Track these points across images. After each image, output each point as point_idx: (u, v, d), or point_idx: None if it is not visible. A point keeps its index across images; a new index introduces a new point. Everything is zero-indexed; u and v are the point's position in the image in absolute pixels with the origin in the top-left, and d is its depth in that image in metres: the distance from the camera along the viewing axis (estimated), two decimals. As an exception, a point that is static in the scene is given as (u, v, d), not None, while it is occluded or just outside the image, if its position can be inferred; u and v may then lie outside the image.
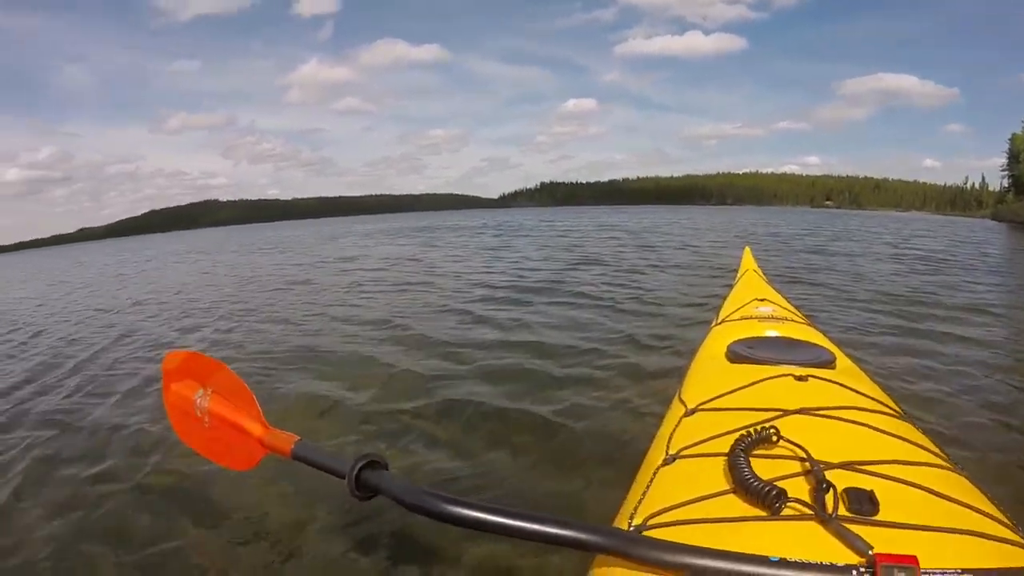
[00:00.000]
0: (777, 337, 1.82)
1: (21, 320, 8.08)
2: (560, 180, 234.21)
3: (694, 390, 1.41)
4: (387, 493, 0.80)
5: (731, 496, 0.82)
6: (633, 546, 0.68)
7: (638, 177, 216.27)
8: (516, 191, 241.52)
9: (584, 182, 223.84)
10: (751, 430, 0.93)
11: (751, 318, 2.00)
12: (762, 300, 2.26)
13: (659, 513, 0.83)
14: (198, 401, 1.36)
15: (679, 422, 1.21)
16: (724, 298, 2.49)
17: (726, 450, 0.90)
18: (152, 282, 12.16)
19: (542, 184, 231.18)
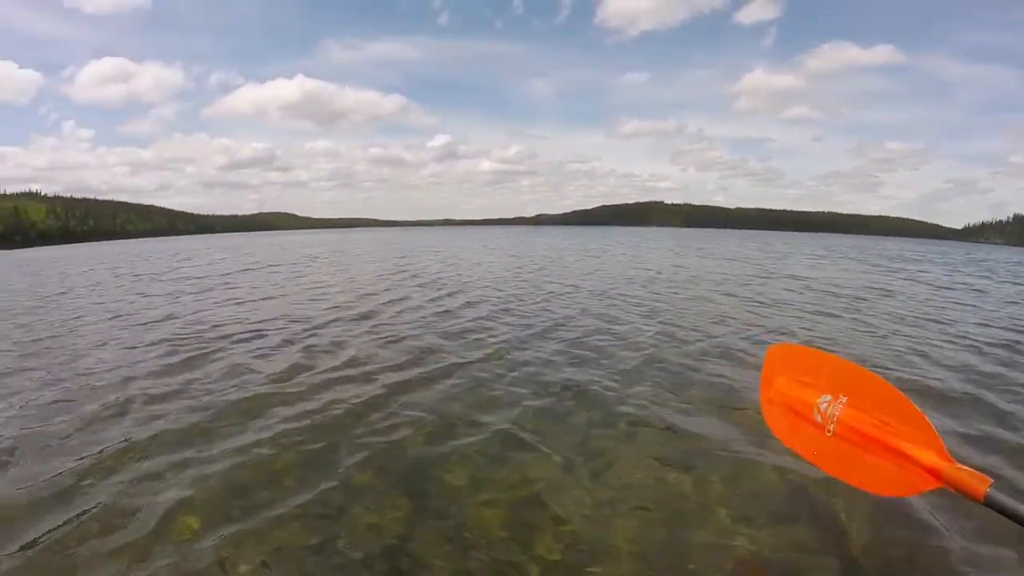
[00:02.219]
0: None
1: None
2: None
3: None
4: None
5: None
6: None
7: None
8: (983, 223, 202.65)
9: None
10: None
11: None
12: None
13: None
14: (823, 406, 1.26)
15: None
16: None
17: None
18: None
19: (1015, 216, 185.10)
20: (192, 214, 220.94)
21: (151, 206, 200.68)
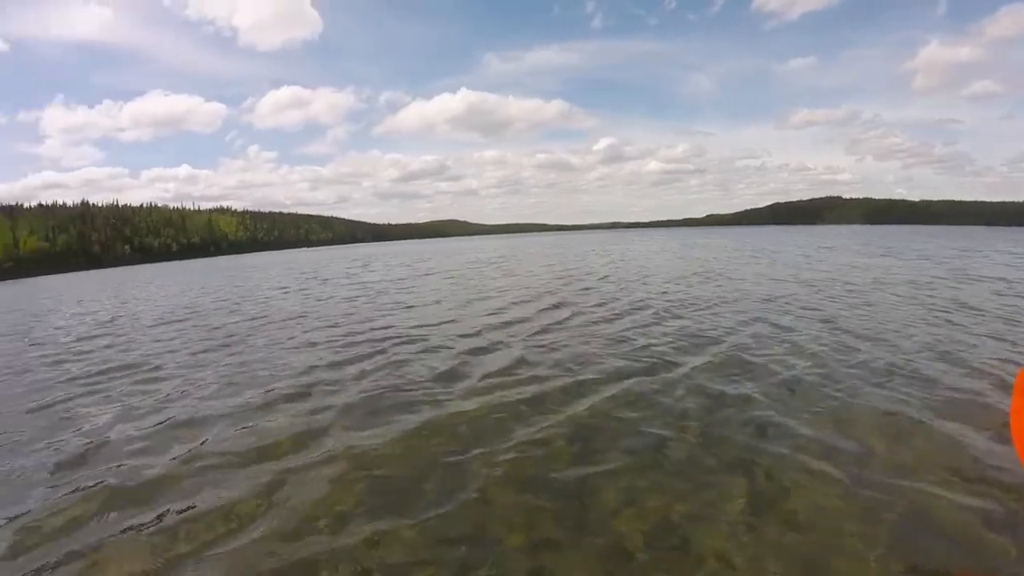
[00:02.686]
0: None
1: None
2: None
3: None
4: None
5: None
6: None
7: None
8: None
9: None
10: None
11: None
12: None
13: None
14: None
15: None
16: None
17: None
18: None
19: None
20: (369, 223, 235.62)
21: (332, 217, 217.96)
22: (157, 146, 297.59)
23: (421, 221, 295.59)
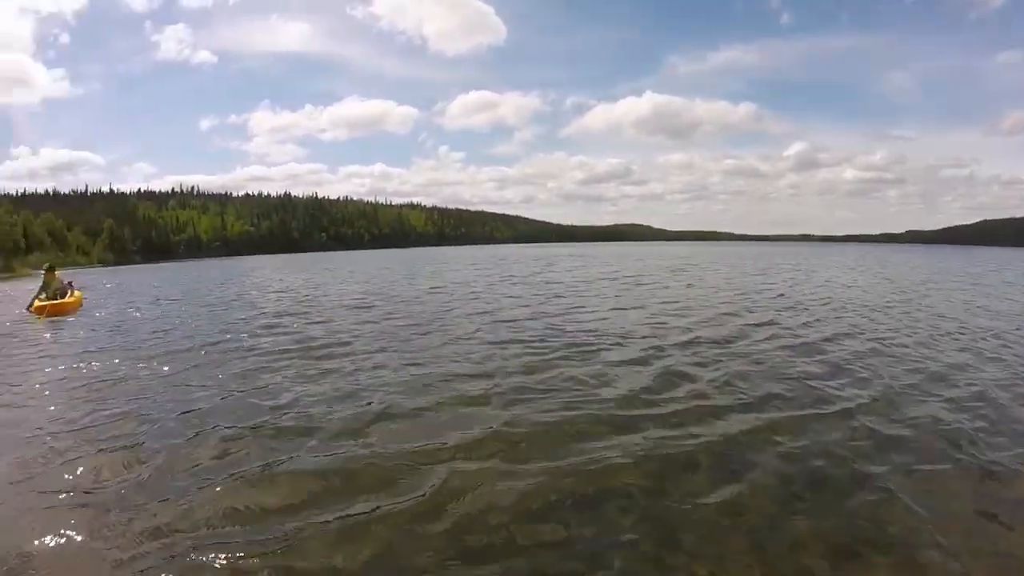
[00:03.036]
0: None
1: None
2: None
3: None
4: None
5: None
6: None
7: None
8: None
9: None
10: None
11: None
12: None
13: None
14: None
15: None
16: None
17: None
18: None
19: None
20: (553, 224, 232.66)
21: (516, 216, 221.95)
22: (354, 145, 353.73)
23: (605, 224, 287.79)
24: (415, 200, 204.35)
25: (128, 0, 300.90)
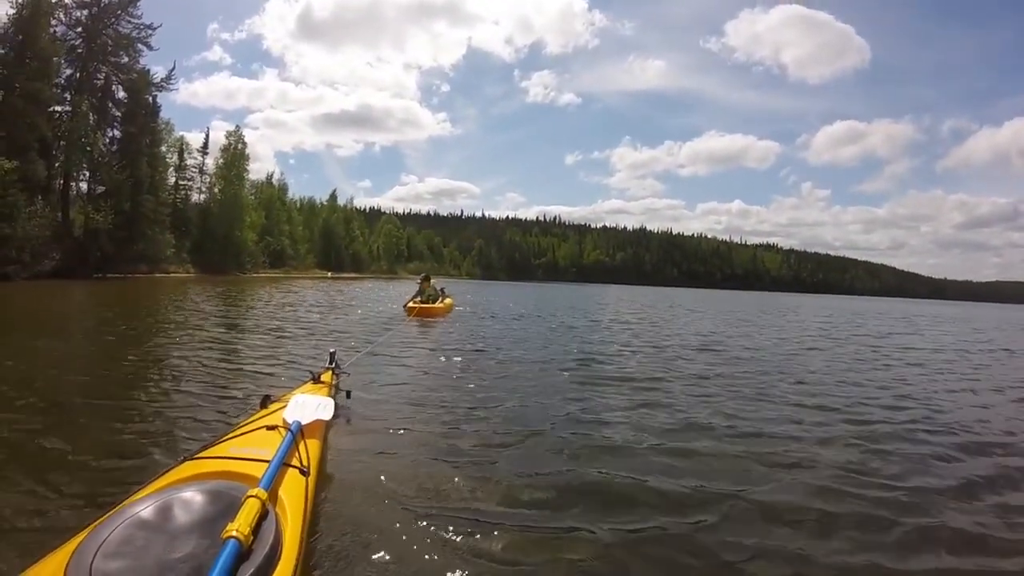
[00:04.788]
0: None
1: None
2: None
3: None
4: None
5: None
6: None
7: None
8: None
9: None
10: None
11: None
12: None
13: None
14: None
15: None
16: None
17: None
18: None
19: None
20: (922, 276, 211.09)
21: (881, 264, 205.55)
22: (712, 181, 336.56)
23: (984, 280, 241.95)
24: (772, 240, 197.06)
25: (498, 51, 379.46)
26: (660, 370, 6.66)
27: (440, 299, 13.34)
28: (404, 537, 2.28)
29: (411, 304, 12.39)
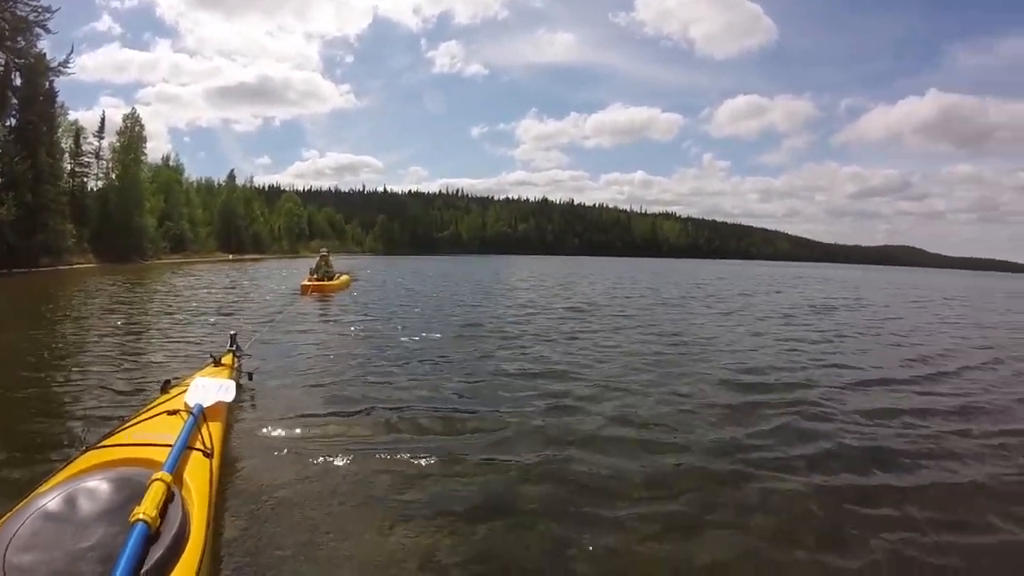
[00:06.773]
0: None
1: None
2: None
3: None
4: None
5: None
6: None
7: None
8: None
9: None
10: None
11: None
12: None
13: None
14: None
15: None
16: None
17: None
18: None
19: None
20: (814, 241, 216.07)
21: (776, 231, 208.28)
22: (616, 153, 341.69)
23: (872, 245, 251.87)
24: (673, 209, 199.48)
25: (405, 21, 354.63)
26: (537, 329, 8.23)
27: (336, 277, 13.97)
28: (309, 513, 2.35)
29: (306, 282, 12.92)
